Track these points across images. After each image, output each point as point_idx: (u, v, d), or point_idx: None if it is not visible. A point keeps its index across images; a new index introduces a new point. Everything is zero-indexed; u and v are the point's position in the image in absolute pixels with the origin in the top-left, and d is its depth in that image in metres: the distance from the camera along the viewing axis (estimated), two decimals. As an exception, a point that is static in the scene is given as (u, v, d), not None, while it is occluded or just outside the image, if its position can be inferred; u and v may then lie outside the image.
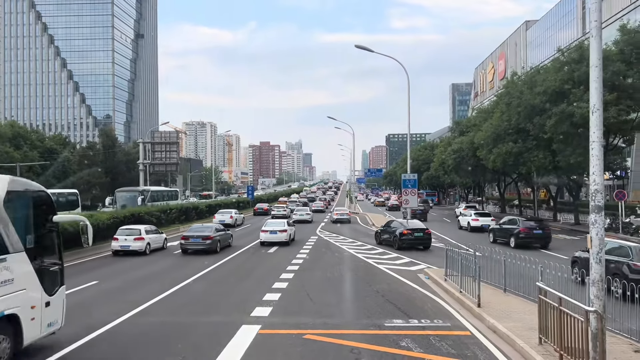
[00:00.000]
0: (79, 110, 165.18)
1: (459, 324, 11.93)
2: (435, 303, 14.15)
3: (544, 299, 9.59)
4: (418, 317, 12.42)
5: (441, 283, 16.39)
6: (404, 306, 13.62)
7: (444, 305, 13.87)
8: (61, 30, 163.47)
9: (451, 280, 15.99)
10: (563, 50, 37.26)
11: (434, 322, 11.97)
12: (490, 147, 40.02)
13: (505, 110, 39.43)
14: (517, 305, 13.19)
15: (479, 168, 48.28)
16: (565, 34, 73.52)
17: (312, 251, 25.92)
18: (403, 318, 12.32)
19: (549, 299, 9.51)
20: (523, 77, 41.08)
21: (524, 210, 55.54)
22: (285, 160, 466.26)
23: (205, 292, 16.00)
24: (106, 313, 12.74)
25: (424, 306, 13.74)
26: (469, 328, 11.51)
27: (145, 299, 14.28)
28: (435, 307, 13.62)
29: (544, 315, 9.56)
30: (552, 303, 9.23)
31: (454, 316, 12.64)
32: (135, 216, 32.04)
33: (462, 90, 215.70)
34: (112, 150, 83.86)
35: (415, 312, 12.99)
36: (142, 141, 63.17)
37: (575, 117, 31.28)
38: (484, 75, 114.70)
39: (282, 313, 12.95)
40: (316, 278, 18.31)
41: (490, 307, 12.83)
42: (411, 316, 12.48)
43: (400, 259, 22.84)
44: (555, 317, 8.97)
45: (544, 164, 36.25)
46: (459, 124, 61.03)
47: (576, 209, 42.01)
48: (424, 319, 12.27)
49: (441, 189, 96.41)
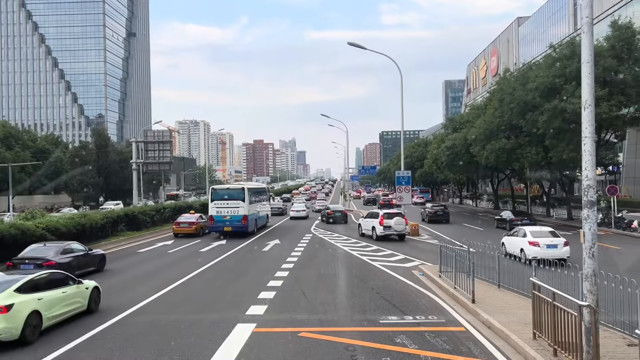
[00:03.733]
0: (71, 109, 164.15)
1: (453, 319, 11.99)
2: (430, 299, 14.20)
3: (538, 294, 9.65)
4: (413, 313, 12.46)
5: (436, 279, 16.44)
6: (398, 303, 13.66)
7: (438, 301, 13.92)
8: (52, 30, 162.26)
9: (445, 277, 16.05)
10: (555, 47, 37.43)
11: (429, 318, 12.01)
12: (483, 144, 40.17)
13: (498, 107, 39.58)
14: (511, 300, 13.27)
15: (472, 164, 48.42)
16: (557, 30, 73.85)
17: (306, 248, 25.94)
18: (398, 314, 12.36)
19: (542, 294, 9.57)
20: (515, 74, 41.25)
21: (517, 206, 55.83)
22: (279, 158, 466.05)
23: (200, 290, 15.98)
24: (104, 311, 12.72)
25: (418, 302, 13.78)
26: (464, 324, 11.56)
27: (142, 297, 14.25)
28: (430, 303, 13.66)
29: (538, 310, 9.62)
30: (545, 298, 9.30)
31: (448, 312, 12.69)
32: (129, 216, 31.95)
33: (455, 87, 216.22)
34: (104, 150, 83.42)
35: (410, 308, 13.03)
36: (135, 140, 62.77)
37: (567, 112, 31.45)
38: (477, 72, 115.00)
39: (277, 311, 12.95)
40: (311, 275, 18.32)
41: (484, 302, 12.89)
42: (406, 312, 12.52)
43: (395, 256, 22.89)
44: (549, 312, 9.02)
45: (537, 159, 36.45)
46: (453, 120, 61.18)
47: (569, 205, 42.24)
48: (419, 315, 12.31)
49: (435, 185, 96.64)
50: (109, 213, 29.44)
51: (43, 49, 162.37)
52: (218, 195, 33.68)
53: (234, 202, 32.80)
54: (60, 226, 22.18)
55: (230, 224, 32.11)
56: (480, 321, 11.64)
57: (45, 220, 22.01)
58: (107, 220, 27.93)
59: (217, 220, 32.32)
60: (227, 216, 32.31)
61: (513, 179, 55.76)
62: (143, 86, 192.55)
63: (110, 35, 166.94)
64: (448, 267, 15.94)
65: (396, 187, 34.97)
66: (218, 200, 32.91)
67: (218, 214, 32.38)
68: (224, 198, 33.26)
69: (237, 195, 33.65)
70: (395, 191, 35.37)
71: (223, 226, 32.15)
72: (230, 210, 32.49)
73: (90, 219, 25.33)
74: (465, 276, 14.02)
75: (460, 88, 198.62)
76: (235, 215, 32.35)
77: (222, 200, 32.89)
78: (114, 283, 17.09)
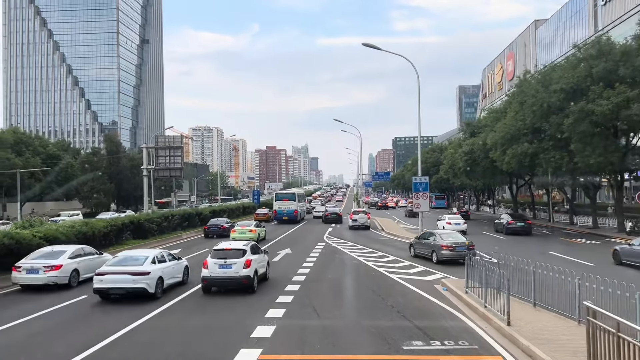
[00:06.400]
0: (85, 116, 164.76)
1: (488, 346, 10.47)
2: (458, 320, 12.67)
3: (595, 322, 8.11)
4: (440, 338, 10.94)
5: (462, 296, 14.90)
6: (423, 324, 12.13)
7: (468, 322, 12.38)
8: (66, 37, 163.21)
9: (473, 293, 14.52)
10: (579, 46, 35.70)
11: (459, 344, 10.51)
12: (504, 148, 38.43)
13: (519, 110, 37.85)
14: (552, 322, 11.69)
15: (490, 170, 46.64)
16: (576, 32, 71.77)
17: (319, 258, 24.47)
18: (423, 339, 10.85)
19: (601, 321, 8.04)
20: (537, 76, 39.50)
21: (537, 214, 53.86)
22: (292, 164, 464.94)
23: (199, 309, 14.64)
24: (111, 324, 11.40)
25: (445, 324, 12.26)
26: (500, 351, 10.07)
27: (142, 314, 12.92)
28: (459, 325, 12.13)
29: (595, 340, 8.06)
30: (607, 328, 7.75)
31: (480, 336, 11.16)
32: (134, 223, 30.80)
33: (469, 93, 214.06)
34: (116, 156, 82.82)
35: (436, 331, 11.51)
36: (145, 146, 61.93)
37: (595, 115, 29.75)
38: (492, 77, 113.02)
39: (286, 333, 11.54)
40: (323, 290, 16.88)
41: (521, 325, 11.35)
42: (432, 337, 11.00)
43: (414, 268, 21.34)
44: (612, 345, 7.48)
45: (561, 165, 34.63)
46: (470, 125, 59.25)
47: (594, 212, 40.32)
48: (447, 339, 10.80)
49: (450, 192, 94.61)
50: (114, 220, 28.21)
51: (57, 56, 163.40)
52: (279, 197, 54.36)
53: (289, 202, 52.21)
54: (60, 235, 20.98)
55: (287, 215, 50.85)
56: (519, 349, 10.12)
57: (43, 229, 20.83)
58: (111, 228, 26.72)
59: (279, 212, 51.62)
60: (284, 210, 51.33)
61: (533, 185, 53.78)
62: (156, 93, 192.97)
63: (123, 42, 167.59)
64: (475, 281, 14.42)
65: (413, 193, 33.41)
66: (279, 200, 52.76)
67: (279, 208, 51.83)
68: (283, 199, 53.02)
69: (291, 197, 53.49)
70: (412, 198, 33.79)
71: (282, 216, 51.00)
72: (286, 206, 51.54)
73: (92, 227, 24.11)
74: (496, 292, 12.51)
75: (474, 93, 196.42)
76: (290, 209, 51.32)
77: (282, 200, 52.50)
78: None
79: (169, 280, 16.24)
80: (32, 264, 16.89)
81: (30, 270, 16.78)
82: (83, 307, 14.80)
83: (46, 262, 16.92)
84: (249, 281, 15.91)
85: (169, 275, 16.15)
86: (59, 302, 15.14)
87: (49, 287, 16.77)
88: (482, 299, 13.43)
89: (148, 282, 14.81)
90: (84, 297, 15.92)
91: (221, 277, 15.90)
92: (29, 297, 16.29)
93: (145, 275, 14.84)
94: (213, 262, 15.96)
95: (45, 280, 16.66)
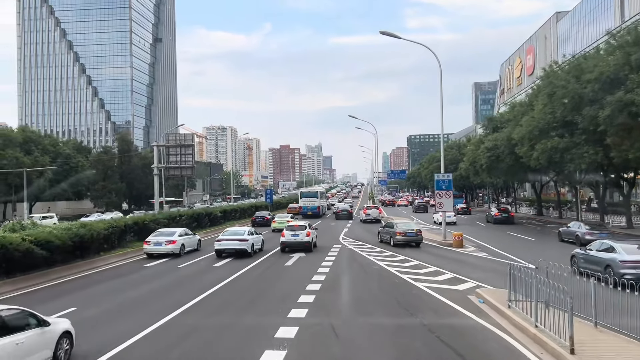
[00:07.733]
0: (98, 115, 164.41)
1: (550, 382, 8.41)
2: (503, 342, 10.55)
3: None
4: (488, 369, 8.90)
5: (503, 311, 12.76)
6: (463, 349, 10.05)
7: (516, 346, 10.26)
8: (80, 36, 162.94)
9: (517, 308, 12.41)
10: (614, 33, 33.20)
11: (513, 379, 8.46)
12: (532, 143, 36.01)
13: (547, 102, 35.42)
14: (623, 349, 9.55)
15: (515, 166, 44.17)
16: (601, 24, 68.69)
17: (335, 263, 22.47)
18: (467, 371, 8.82)
19: None
20: (566, 66, 37.02)
21: (564, 213, 51.22)
22: (305, 163, 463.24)
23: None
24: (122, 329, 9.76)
25: (489, 349, 10.16)
26: (568, 391, 7.99)
27: (145, 325, 11.13)
28: (506, 350, 10.03)
29: None
30: None
31: (537, 368, 9.11)
32: (139, 224, 29.07)
33: (484, 89, 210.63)
34: (127, 155, 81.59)
35: (479, 358, 9.45)
36: (156, 144, 60.37)
37: (635, 105, 27.32)
38: (511, 71, 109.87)
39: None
40: (342, 303, 14.89)
41: (585, 352, 9.21)
42: (478, 367, 8.97)
43: (442, 274, 19.18)
44: None
45: (596, 160, 32.16)
46: (492, 120, 56.67)
47: (628, 211, 37.76)
48: (497, 372, 8.76)
49: (469, 190, 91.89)
50: (116, 222, 26.45)
51: (71, 55, 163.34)
52: (304, 194, 61.60)
53: (313, 199, 59.08)
54: (53, 238, 19.22)
55: (311, 210, 57.17)
56: (593, 388, 8.04)
57: (34, 232, 19.06)
58: (113, 230, 24.98)
59: (304, 208, 57.88)
60: (309, 206, 57.91)
61: (559, 183, 51.16)
62: (170, 92, 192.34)
63: (136, 42, 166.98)
64: (521, 294, 12.30)
65: (435, 191, 31.29)
66: (304, 198, 59.78)
67: (304, 204, 58.36)
68: (308, 196, 59.90)
69: (314, 195, 60.90)
70: (435, 196, 31.66)
71: (307, 211, 56.62)
72: (310, 203, 58.26)
73: (90, 229, 22.27)
74: (550, 310, 10.41)
75: (490, 90, 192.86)
76: (313, 205, 58.00)
77: (307, 197, 59.43)
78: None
79: (257, 246, 26.08)
80: (157, 239, 25.13)
81: (156, 243, 24.98)
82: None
83: (166, 238, 25.13)
84: (309, 244, 26.20)
85: (257, 243, 26.16)
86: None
87: (166, 255, 24.80)
88: (531, 316, 11.31)
89: (247, 246, 24.59)
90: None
91: (293, 242, 26.07)
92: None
93: (245, 242, 24.67)
94: (288, 233, 26.43)
95: (166, 250, 24.82)
